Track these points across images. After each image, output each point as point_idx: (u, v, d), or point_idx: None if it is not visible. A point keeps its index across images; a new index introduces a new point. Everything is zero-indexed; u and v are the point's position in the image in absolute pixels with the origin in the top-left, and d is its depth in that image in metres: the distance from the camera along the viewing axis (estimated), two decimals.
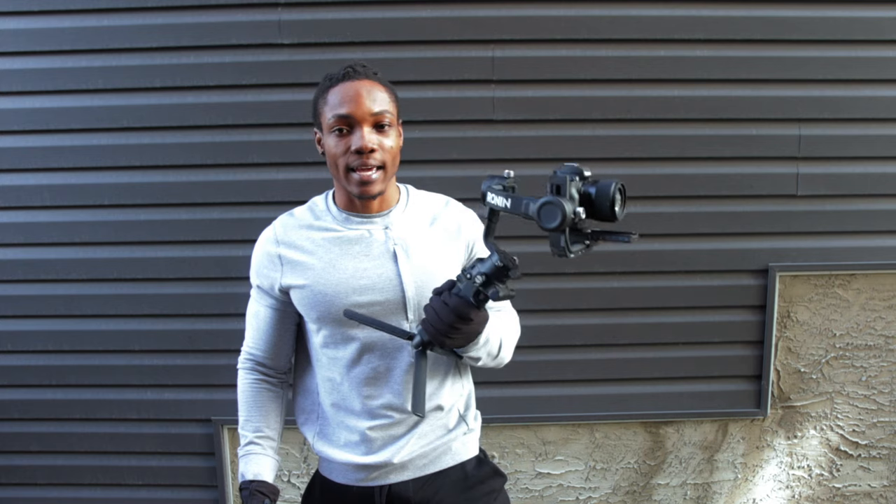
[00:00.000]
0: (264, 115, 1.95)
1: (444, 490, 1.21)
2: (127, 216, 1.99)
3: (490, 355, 1.16)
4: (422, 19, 1.93)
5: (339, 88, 1.09)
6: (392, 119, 1.12)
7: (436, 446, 1.21)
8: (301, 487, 2.17)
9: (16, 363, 2.07)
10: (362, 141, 1.07)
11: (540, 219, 0.83)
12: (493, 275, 0.94)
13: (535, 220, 0.84)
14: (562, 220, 0.81)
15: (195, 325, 2.03)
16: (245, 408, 1.23)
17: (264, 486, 1.17)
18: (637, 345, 2.08)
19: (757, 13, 1.94)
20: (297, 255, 1.15)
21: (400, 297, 1.13)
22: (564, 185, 0.83)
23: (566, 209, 0.81)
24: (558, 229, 0.83)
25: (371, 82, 1.11)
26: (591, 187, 0.84)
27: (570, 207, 0.82)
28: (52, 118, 1.95)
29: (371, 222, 1.16)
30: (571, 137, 1.97)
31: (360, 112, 1.08)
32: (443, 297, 0.98)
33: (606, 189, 0.82)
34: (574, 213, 0.82)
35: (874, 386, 2.15)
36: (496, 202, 0.92)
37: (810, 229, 2.04)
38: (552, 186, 0.84)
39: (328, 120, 1.10)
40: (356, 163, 1.08)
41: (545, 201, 0.83)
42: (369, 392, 1.16)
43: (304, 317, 1.18)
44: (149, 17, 1.91)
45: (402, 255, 1.14)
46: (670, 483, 2.21)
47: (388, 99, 1.12)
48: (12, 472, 2.14)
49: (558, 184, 0.84)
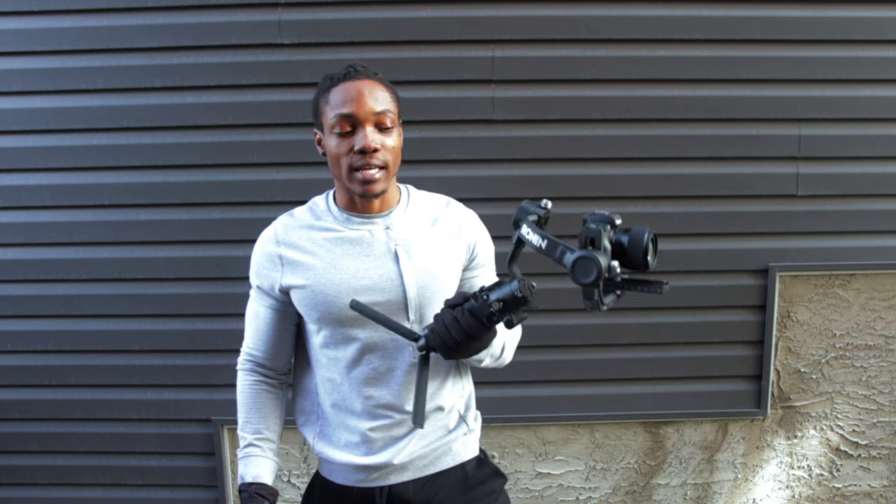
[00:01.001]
0: (264, 115, 1.95)
1: (445, 491, 1.21)
2: (127, 216, 1.99)
3: (493, 357, 1.17)
4: (422, 19, 1.93)
5: (340, 88, 1.09)
6: (394, 119, 1.12)
7: (436, 447, 1.20)
8: (301, 487, 2.17)
9: (16, 363, 2.07)
10: (365, 140, 1.07)
11: (575, 274, 0.81)
12: (510, 303, 0.93)
13: (569, 273, 0.82)
14: (597, 276, 0.80)
15: (195, 325, 2.03)
16: (244, 409, 1.23)
17: (264, 488, 1.17)
18: (637, 345, 2.08)
19: (757, 13, 1.94)
20: (298, 255, 1.15)
21: (401, 297, 1.13)
22: (599, 238, 0.81)
23: (601, 265, 0.79)
24: (593, 285, 0.81)
25: (373, 82, 1.10)
26: (622, 236, 0.82)
27: (605, 262, 0.80)
28: (52, 118, 1.95)
29: (372, 222, 1.16)
30: (571, 137, 1.98)
31: (363, 112, 1.07)
32: (455, 313, 0.97)
33: (640, 238, 0.81)
34: (609, 267, 0.81)
35: (874, 386, 2.15)
36: (531, 239, 0.89)
37: (810, 229, 2.04)
38: (586, 239, 0.82)
39: (330, 120, 1.09)
40: (359, 162, 1.08)
41: (581, 256, 0.81)
42: (370, 392, 1.16)
43: (305, 317, 1.18)
44: (149, 17, 1.91)
45: (404, 256, 1.14)
46: (670, 483, 2.21)
47: (390, 99, 1.12)
48: (12, 472, 2.14)
49: (593, 237, 0.82)
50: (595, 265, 0.79)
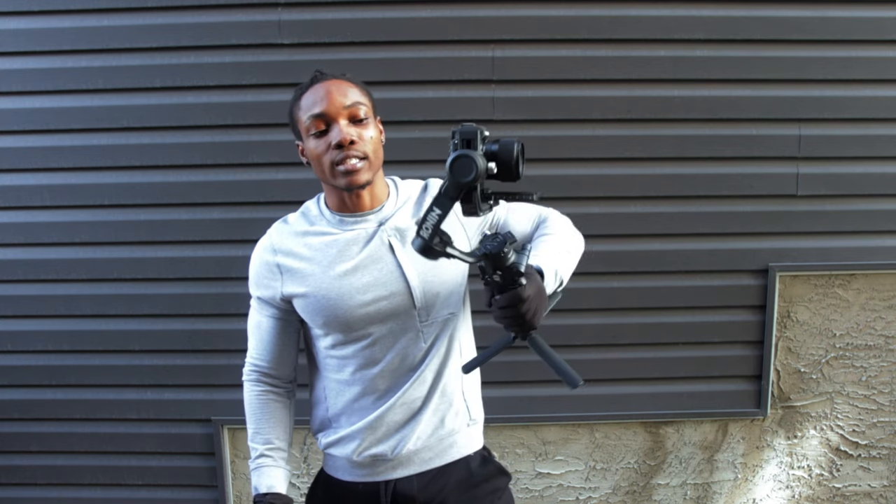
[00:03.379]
0: (264, 115, 1.95)
1: (449, 488, 1.21)
2: (127, 216, 1.99)
3: (570, 266, 1.13)
4: (422, 19, 1.92)
5: (310, 92, 1.11)
6: (368, 111, 1.12)
7: (441, 437, 1.21)
8: (301, 487, 2.17)
9: (16, 363, 2.07)
10: (341, 134, 1.07)
11: (453, 173, 0.81)
12: (495, 255, 0.87)
13: (450, 182, 0.81)
14: (476, 174, 0.80)
15: (195, 325, 2.03)
16: (253, 420, 1.23)
17: (279, 497, 1.17)
18: (637, 345, 2.08)
19: (757, 13, 1.94)
20: (296, 262, 1.15)
21: (404, 287, 1.13)
22: (475, 139, 0.81)
23: (480, 163, 0.80)
24: (471, 184, 0.80)
25: (339, 80, 1.12)
26: (492, 146, 0.83)
27: (483, 163, 0.81)
28: (52, 118, 1.95)
29: (365, 220, 1.16)
30: (571, 137, 1.97)
31: (333, 108, 1.08)
32: (496, 305, 0.93)
33: (510, 147, 0.82)
34: (486, 167, 0.81)
35: (874, 386, 2.15)
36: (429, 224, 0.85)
37: (810, 229, 2.04)
38: (462, 141, 0.82)
39: (305, 123, 1.10)
40: (339, 157, 1.08)
41: (459, 154, 0.80)
42: (382, 386, 1.16)
43: (310, 323, 1.18)
44: (149, 17, 1.91)
45: (398, 245, 1.14)
46: (670, 483, 2.21)
47: (360, 92, 1.13)
48: (12, 472, 2.14)
49: (468, 138, 0.81)
50: (474, 162, 0.80)
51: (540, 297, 0.97)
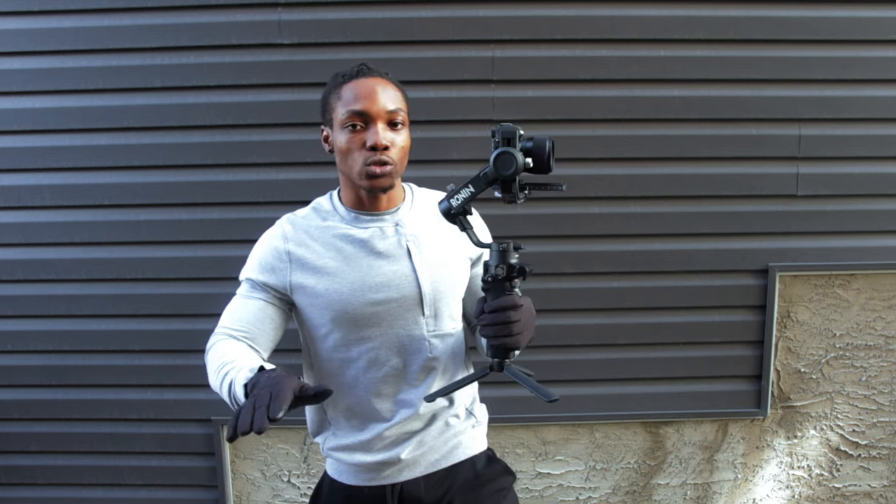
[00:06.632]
0: (264, 115, 1.95)
1: (455, 488, 1.21)
2: (127, 216, 1.99)
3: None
4: (422, 19, 1.93)
5: (353, 85, 1.09)
6: (405, 118, 1.12)
7: (446, 439, 1.21)
8: (301, 487, 2.17)
9: (16, 363, 2.07)
10: (377, 137, 1.07)
11: (497, 168, 0.94)
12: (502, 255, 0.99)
13: (491, 172, 0.94)
14: (517, 168, 0.93)
15: (195, 325, 2.03)
16: (217, 358, 1.04)
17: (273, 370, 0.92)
18: (637, 345, 2.08)
19: (757, 13, 1.94)
20: (308, 254, 1.13)
21: (416, 292, 1.13)
22: (514, 138, 0.94)
23: (520, 159, 0.93)
24: (512, 176, 0.94)
25: (385, 81, 1.11)
26: (527, 143, 0.95)
27: (521, 158, 0.94)
28: (52, 118, 1.95)
29: (381, 220, 1.15)
30: (571, 137, 1.97)
31: (376, 109, 1.08)
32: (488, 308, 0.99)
33: (543, 143, 0.94)
34: (524, 164, 0.94)
35: (874, 386, 2.15)
36: (460, 197, 0.99)
37: (810, 229, 2.04)
38: (503, 139, 0.94)
39: (341, 116, 1.09)
40: (371, 159, 1.07)
41: (502, 151, 0.93)
42: (385, 391, 1.16)
43: (315, 319, 1.15)
44: (149, 17, 1.91)
45: (416, 251, 1.14)
46: (670, 483, 2.21)
47: (401, 98, 1.13)
48: (12, 472, 2.14)
49: (509, 136, 0.94)
50: (514, 158, 0.93)
51: (530, 320, 1.00)
